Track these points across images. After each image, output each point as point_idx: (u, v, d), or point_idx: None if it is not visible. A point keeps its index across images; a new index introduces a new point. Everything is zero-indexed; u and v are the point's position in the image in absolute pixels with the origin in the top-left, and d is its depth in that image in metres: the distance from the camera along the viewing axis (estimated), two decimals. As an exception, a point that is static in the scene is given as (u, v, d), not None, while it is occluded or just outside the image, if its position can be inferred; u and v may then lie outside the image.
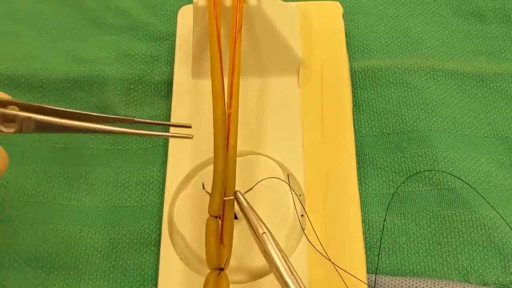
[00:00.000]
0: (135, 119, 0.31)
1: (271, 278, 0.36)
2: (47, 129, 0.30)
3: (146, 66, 0.46)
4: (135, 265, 0.39)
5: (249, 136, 0.40)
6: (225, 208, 0.35)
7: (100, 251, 0.40)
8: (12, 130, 0.29)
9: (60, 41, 0.48)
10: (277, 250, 0.32)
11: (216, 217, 0.34)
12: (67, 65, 0.46)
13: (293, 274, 0.31)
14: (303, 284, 0.31)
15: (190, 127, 0.33)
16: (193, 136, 0.33)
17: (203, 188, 0.34)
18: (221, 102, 0.36)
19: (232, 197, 0.34)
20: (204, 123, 0.40)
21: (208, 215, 0.34)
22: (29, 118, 0.29)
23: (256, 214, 0.33)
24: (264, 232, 0.33)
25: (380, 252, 0.39)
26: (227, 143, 0.35)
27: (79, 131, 0.30)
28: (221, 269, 0.33)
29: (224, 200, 0.34)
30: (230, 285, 0.33)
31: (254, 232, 0.33)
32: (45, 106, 0.29)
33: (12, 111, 0.29)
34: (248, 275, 0.36)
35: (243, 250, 0.36)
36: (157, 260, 0.38)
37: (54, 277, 0.39)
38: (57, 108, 0.30)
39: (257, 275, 0.36)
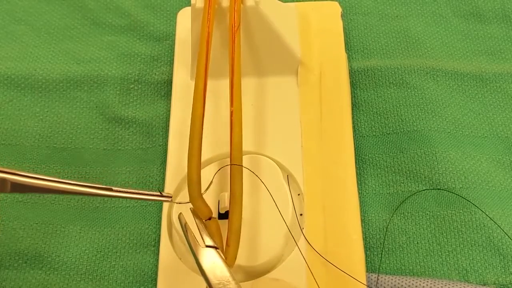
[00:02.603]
0: (114, 188, 0.31)
1: (269, 276, 0.36)
2: (24, 190, 0.29)
3: (146, 66, 0.46)
4: (134, 265, 0.39)
5: (247, 136, 0.40)
6: (231, 208, 0.34)
7: (100, 251, 0.40)
8: None
9: (60, 41, 0.48)
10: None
11: (210, 218, 0.34)
12: (67, 65, 0.46)
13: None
14: None
15: (170, 197, 0.33)
16: (171, 199, 0.33)
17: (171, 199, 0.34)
18: (200, 105, 0.36)
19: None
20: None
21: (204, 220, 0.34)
22: (4, 179, 0.29)
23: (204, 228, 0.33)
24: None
25: (381, 252, 0.39)
26: (230, 141, 0.36)
27: (58, 192, 0.30)
28: None
29: (230, 200, 0.35)
30: None
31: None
32: (20, 172, 0.29)
33: None
34: (245, 274, 0.36)
35: (240, 250, 0.36)
36: (157, 260, 0.39)
37: (54, 277, 0.39)
38: (33, 175, 0.29)
39: (254, 275, 0.36)
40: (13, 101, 0.45)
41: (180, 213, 0.34)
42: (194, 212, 0.34)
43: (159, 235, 0.39)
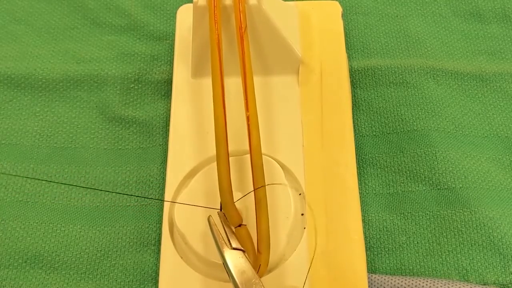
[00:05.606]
0: None
1: (270, 276, 0.36)
2: None
3: (146, 65, 0.46)
4: (135, 265, 0.39)
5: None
6: (257, 215, 0.34)
7: (100, 250, 0.40)
8: None
9: (60, 40, 0.48)
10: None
11: (240, 225, 0.34)
12: (67, 65, 0.46)
13: None
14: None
15: None
16: None
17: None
18: (221, 109, 0.36)
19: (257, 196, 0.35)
20: (203, 122, 0.41)
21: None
22: None
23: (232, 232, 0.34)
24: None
25: (379, 251, 0.39)
26: (249, 146, 0.35)
27: None
28: None
29: (256, 206, 0.35)
30: None
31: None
32: None
33: None
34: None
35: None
36: (157, 259, 0.38)
37: (54, 276, 0.39)
38: None
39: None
40: (13, 100, 0.45)
41: (210, 215, 0.34)
42: (223, 218, 0.34)
43: (160, 234, 0.39)
